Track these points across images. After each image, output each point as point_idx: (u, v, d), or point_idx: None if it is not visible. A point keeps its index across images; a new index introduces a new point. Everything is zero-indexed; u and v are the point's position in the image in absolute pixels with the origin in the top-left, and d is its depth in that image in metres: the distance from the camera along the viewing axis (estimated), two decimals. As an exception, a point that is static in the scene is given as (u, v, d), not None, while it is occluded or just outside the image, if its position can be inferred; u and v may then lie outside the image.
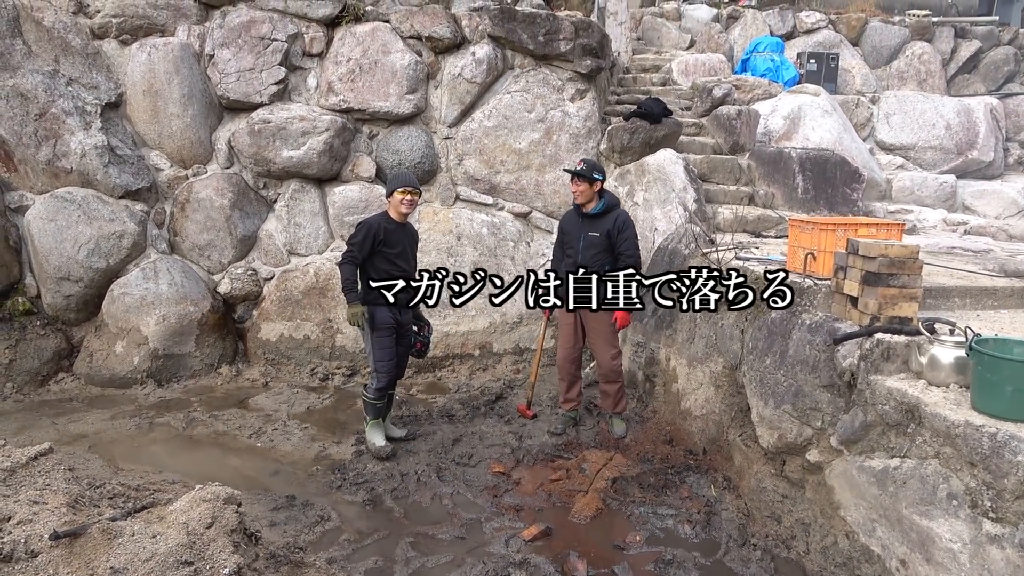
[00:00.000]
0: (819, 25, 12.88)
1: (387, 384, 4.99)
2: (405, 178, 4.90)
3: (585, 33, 7.26)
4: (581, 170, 5.10)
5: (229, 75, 6.58)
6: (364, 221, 4.87)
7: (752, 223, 6.69)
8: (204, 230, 6.65)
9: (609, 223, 5.14)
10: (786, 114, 8.82)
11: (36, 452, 3.22)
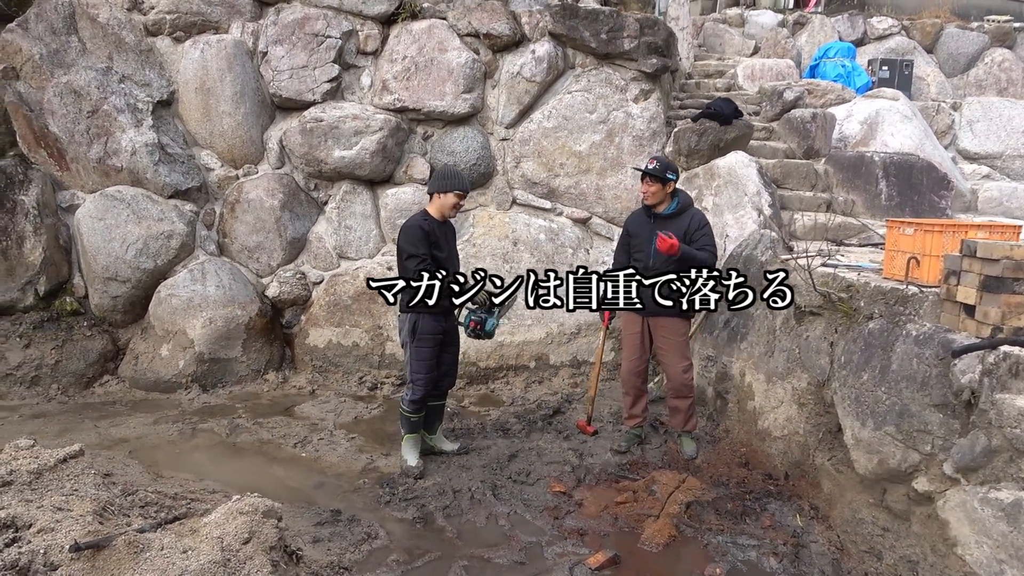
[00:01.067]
0: (891, 31, 12.31)
1: (423, 396, 4.64)
2: (463, 181, 4.65)
3: (650, 31, 6.90)
4: (653, 169, 4.71)
5: (282, 72, 6.39)
6: (411, 224, 4.52)
7: (833, 231, 6.21)
8: (253, 231, 6.44)
9: (684, 224, 4.74)
10: (862, 119, 8.29)
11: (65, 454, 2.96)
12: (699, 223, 4.78)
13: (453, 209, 4.57)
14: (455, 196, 4.53)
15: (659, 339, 4.91)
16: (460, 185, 4.57)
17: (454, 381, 4.88)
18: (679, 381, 4.82)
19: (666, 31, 7.03)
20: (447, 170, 4.72)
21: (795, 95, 8.09)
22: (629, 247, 5.01)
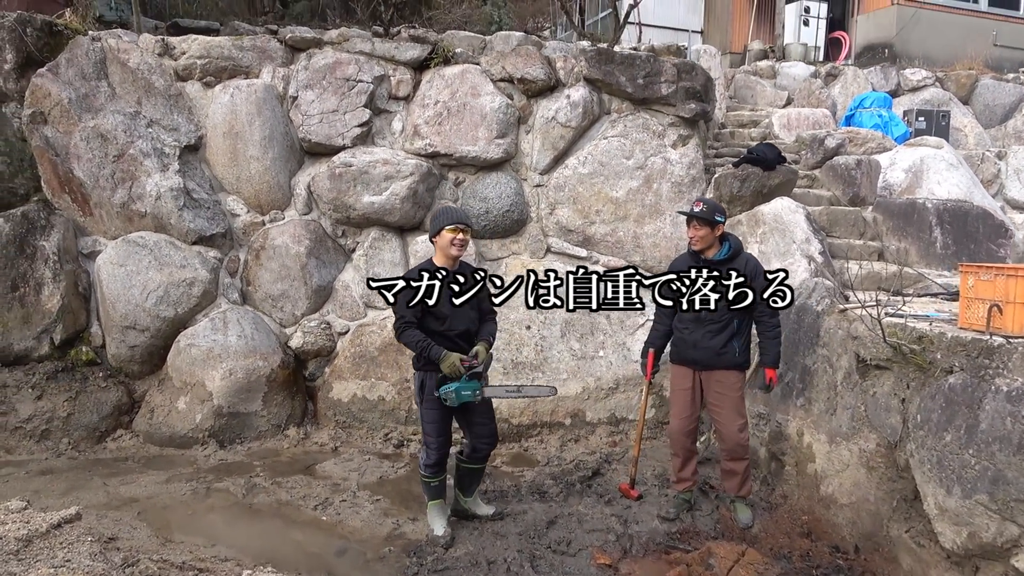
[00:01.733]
0: (926, 83, 12.11)
1: (437, 460, 4.25)
2: (454, 214, 4.15)
3: (688, 76, 6.71)
4: (700, 212, 4.40)
5: (311, 117, 6.24)
6: (404, 276, 4.17)
7: (887, 281, 5.84)
8: (278, 279, 6.20)
9: (739, 269, 4.42)
10: (907, 167, 7.98)
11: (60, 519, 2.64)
12: (754, 271, 4.45)
13: (454, 247, 4.09)
14: (449, 232, 4.08)
15: (713, 395, 4.53)
16: (449, 218, 4.11)
17: (492, 443, 4.40)
18: (735, 441, 4.43)
19: (704, 76, 6.83)
20: (436, 209, 4.42)
21: (836, 142, 7.84)
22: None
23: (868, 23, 13.80)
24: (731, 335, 4.45)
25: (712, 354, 4.43)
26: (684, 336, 4.56)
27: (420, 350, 4.04)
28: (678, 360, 4.63)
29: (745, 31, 14.32)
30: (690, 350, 4.52)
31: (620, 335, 6.39)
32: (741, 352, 4.48)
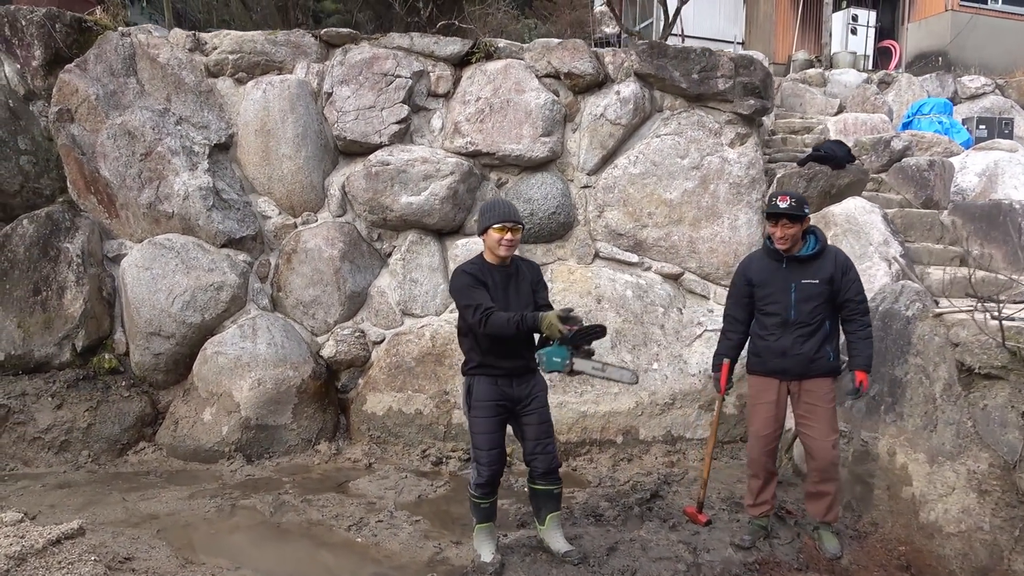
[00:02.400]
0: (984, 90, 11.54)
1: (489, 479, 3.77)
2: (502, 210, 3.70)
3: (746, 71, 6.28)
4: (790, 208, 3.89)
5: (347, 113, 5.91)
6: (457, 271, 3.75)
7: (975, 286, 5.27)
8: (310, 284, 5.84)
9: (829, 265, 3.96)
10: (980, 171, 7.47)
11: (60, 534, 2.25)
12: (844, 267, 3.98)
13: (501, 247, 3.66)
14: (496, 231, 3.65)
15: (803, 406, 4.03)
16: (495, 216, 3.66)
17: (552, 462, 3.87)
18: (827, 459, 3.92)
19: (763, 70, 6.39)
20: (483, 205, 3.91)
21: (903, 144, 7.34)
22: (751, 301, 4.18)
23: (920, 31, 13.28)
24: (824, 338, 3.98)
25: (804, 361, 3.96)
26: (769, 344, 4.05)
27: (516, 324, 3.49)
28: (761, 370, 4.13)
29: (789, 41, 13.87)
30: (777, 359, 4.02)
31: (676, 346, 5.90)
32: (835, 356, 4.02)
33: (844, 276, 3.97)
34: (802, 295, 3.95)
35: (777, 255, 4.06)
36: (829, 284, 3.95)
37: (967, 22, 12.65)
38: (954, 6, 12.71)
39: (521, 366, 3.76)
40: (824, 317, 3.96)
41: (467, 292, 3.62)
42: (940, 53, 12.76)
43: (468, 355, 3.81)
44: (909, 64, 13.21)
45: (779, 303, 3.99)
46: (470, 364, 3.77)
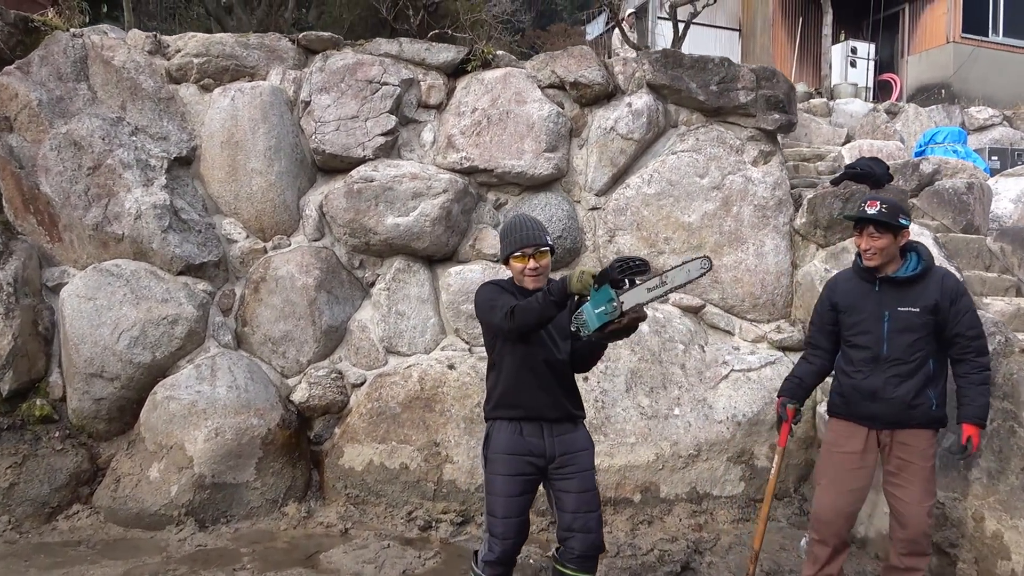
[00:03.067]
0: (993, 121, 11.15)
1: (500, 556, 2.97)
2: (521, 232, 3.01)
3: (768, 83, 5.70)
4: (880, 214, 3.24)
5: (327, 124, 5.23)
6: (486, 283, 3.12)
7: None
8: (280, 318, 5.08)
9: (934, 291, 3.29)
10: (1014, 196, 6.94)
11: None
12: (953, 293, 3.30)
13: (527, 279, 3.00)
14: (516, 261, 3.00)
15: (895, 462, 3.33)
16: (514, 241, 3.01)
17: (594, 544, 3.03)
18: (920, 529, 3.22)
19: (786, 83, 5.82)
20: (504, 226, 3.16)
21: (932, 168, 6.75)
22: (837, 329, 3.52)
23: (921, 63, 12.96)
24: (925, 380, 3.30)
25: (901, 407, 3.29)
26: (857, 382, 3.38)
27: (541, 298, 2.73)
28: (847, 414, 3.44)
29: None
30: (867, 402, 3.35)
31: (699, 389, 5.18)
32: (939, 404, 3.34)
33: (953, 305, 3.29)
34: (898, 325, 3.29)
35: (869, 275, 3.37)
36: (933, 314, 3.27)
37: (969, 54, 12.34)
38: (956, 38, 12.42)
39: (556, 410, 3.02)
40: (926, 354, 3.30)
41: (493, 301, 2.93)
42: (943, 85, 12.42)
43: (489, 393, 3.10)
44: (911, 97, 12.87)
45: (869, 334, 3.33)
46: (490, 404, 3.07)
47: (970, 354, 3.29)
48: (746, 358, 5.30)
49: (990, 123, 11.09)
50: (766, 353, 5.34)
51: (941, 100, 12.04)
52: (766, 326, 5.47)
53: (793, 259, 5.54)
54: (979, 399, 3.27)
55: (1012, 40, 12.71)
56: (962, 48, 12.37)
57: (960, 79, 12.31)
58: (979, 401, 3.27)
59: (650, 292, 2.68)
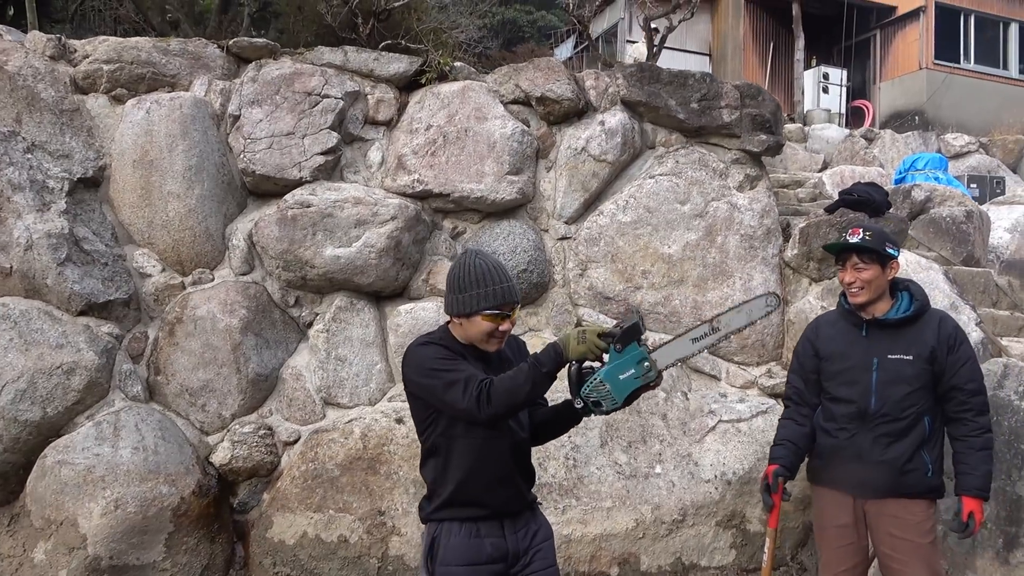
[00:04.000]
0: (969, 149, 10.92)
1: None
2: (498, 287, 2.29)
3: (753, 101, 5.20)
4: (865, 242, 2.80)
5: (258, 141, 4.57)
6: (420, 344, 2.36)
7: (1068, 364, 4.13)
8: (200, 365, 4.36)
9: (930, 335, 2.81)
10: (1009, 226, 6.57)
11: None
12: (951, 339, 2.82)
13: (492, 341, 2.34)
14: (486, 320, 2.28)
15: (886, 539, 2.81)
16: (489, 298, 2.27)
17: None
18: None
19: (773, 102, 5.33)
20: (467, 270, 2.35)
21: (925, 195, 6.33)
22: (819, 379, 3.00)
23: (894, 89, 12.75)
24: (919, 442, 2.82)
25: (890, 473, 2.80)
26: (839, 442, 2.90)
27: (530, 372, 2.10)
28: (828, 481, 2.94)
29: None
30: (850, 465, 2.85)
31: (683, 443, 4.56)
32: (935, 470, 2.82)
33: (951, 353, 2.80)
34: (888, 376, 2.83)
35: (855, 317, 2.87)
36: (929, 363, 2.79)
37: (942, 80, 12.15)
38: (929, 64, 12.22)
39: (518, 502, 2.37)
40: (920, 411, 2.83)
41: (444, 367, 2.23)
42: (917, 112, 12.20)
43: (432, 488, 2.38)
44: (884, 123, 12.64)
45: (856, 385, 2.87)
46: (435, 502, 2.35)
47: (968, 413, 2.79)
48: (735, 407, 4.70)
49: (966, 150, 10.86)
50: (757, 401, 4.75)
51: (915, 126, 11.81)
52: (756, 370, 4.90)
53: (784, 294, 4.99)
54: (981, 467, 2.77)
55: (983, 67, 12.56)
56: (935, 74, 12.18)
57: (934, 105, 12.10)
58: (981, 469, 2.77)
59: (696, 343, 2.21)
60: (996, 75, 12.62)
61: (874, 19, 13.02)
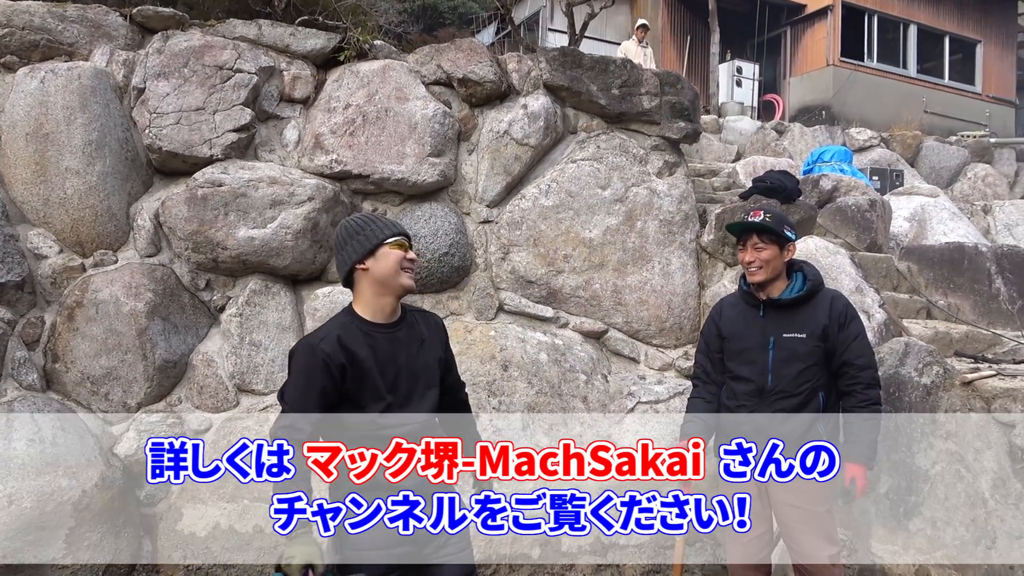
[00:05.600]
0: (871, 143, 11.45)
1: None
2: (385, 221, 2.37)
3: (672, 89, 5.29)
4: (763, 222, 2.89)
5: (165, 116, 4.34)
6: (300, 344, 2.36)
7: (959, 343, 4.40)
8: (102, 352, 4.12)
9: (821, 315, 2.92)
10: (908, 215, 6.92)
11: None
12: (842, 316, 2.96)
13: (406, 274, 2.31)
14: (393, 247, 2.29)
15: (785, 510, 2.94)
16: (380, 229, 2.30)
17: None
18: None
19: (692, 91, 5.43)
20: (344, 226, 2.35)
21: (832, 184, 6.63)
22: (722, 359, 3.10)
23: (803, 85, 13.24)
24: (814, 416, 2.92)
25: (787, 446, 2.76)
26: (739, 418, 2.99)
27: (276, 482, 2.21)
28: None
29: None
30: None
31: (603, 425, 4.62)
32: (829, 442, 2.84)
33: (842, 330, 2.93)
34: (783, 354, 2.92)
35: (753, 299, 2.98)
36: (822, 340, 2.91)
37: (847, 77, 12.69)
38: (835, 61, 12.74)
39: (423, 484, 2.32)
40: (815, 386, 2.92)
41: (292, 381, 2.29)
42: (824, 107, 12.71)
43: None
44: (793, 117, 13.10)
45: (753, 364, 2.97)
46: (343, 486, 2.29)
47: (858, 386, 2.90)
48: (653, 388, 4.79)
49: (869, 144, 11.36)
50: (674, 382, 4.85)
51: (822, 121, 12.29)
52: (673, 352, 5.01)
53: (700, 279, 5.12)
54: (865, 436, 2.90)
55: (885, 66, 13.18)
56: (841, 71, 12.70)
57: (839, 101, 12.62)
58: (865, 438, 2.89)
59: None
60: (896, 73, 13.27)
61: (785, 16, 13.47)
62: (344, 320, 2.33)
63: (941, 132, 12.75)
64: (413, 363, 2.36)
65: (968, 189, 11.39)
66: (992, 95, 14.42)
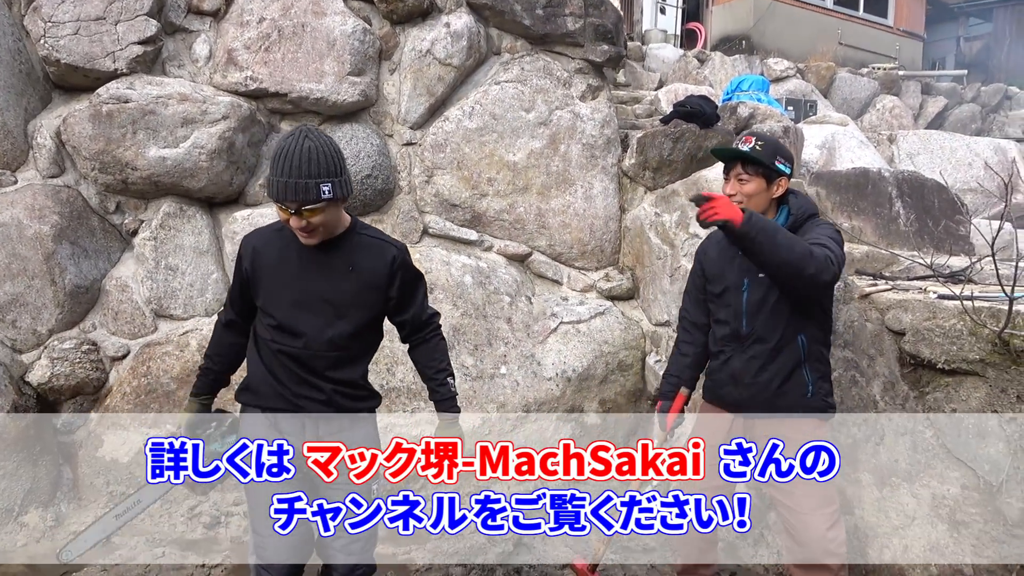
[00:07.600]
0: (788, 73, 11.70)
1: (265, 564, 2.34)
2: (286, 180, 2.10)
3: (596, 11, 5.26)
4: (754, 152, 2.57)
5: (61, 25, 4.06)
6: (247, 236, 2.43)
7: (861, 262, 4.67)
8: (7, 278, 3.94)
9: None
10: (819, 143, 7.16)
11: None
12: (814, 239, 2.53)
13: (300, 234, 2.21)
14: (280, 211, 2.16)
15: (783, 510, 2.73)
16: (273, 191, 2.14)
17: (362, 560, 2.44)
18: (821, 546, 2.58)
19: (615, 13, 5.42)
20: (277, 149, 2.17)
21: (748, 112, 6.76)
22: (706, 296, 2.87)
23: (724, 14, 13.33)
24: (796, 361, 2.65)
25: (763, 394, 2.67)
26: (718, 364, 2.81)
27: None
28: (713, 397, 2.86)
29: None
30: (727, 387, 2.76)
31: (527, 345, 4.74)
32: (816, 391, 2.68)
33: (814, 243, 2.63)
34: (757, 295, 2.64)
35: None
36: None
37: (767, 7, 12.83)
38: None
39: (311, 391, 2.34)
40: (795, 329, 2.63)
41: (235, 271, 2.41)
42: (744, 37, 12.85)
43: None
44: (714, 46, 13.21)
45: (730, 307, 2.71)
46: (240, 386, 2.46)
47: None
48: (575, 309, 4.93)
49: (786, 75, 11.61)
50: (595, 303, 5.01)
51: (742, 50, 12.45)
52: (595, 274, 5.14)
53: (621, 202, 5.22)
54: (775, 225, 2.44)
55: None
56: (761, 1, 12.83)
57: (758, 32, 12.78)
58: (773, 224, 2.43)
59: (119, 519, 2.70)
60: (814, 5, 13.49)
61: (709, -57, 13.43)
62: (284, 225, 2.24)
63: (854, 64, 13.11)
64: (324, 287, 2.27)
65: (876, 120, 11.85)
66: (903, 28, 14.87)
